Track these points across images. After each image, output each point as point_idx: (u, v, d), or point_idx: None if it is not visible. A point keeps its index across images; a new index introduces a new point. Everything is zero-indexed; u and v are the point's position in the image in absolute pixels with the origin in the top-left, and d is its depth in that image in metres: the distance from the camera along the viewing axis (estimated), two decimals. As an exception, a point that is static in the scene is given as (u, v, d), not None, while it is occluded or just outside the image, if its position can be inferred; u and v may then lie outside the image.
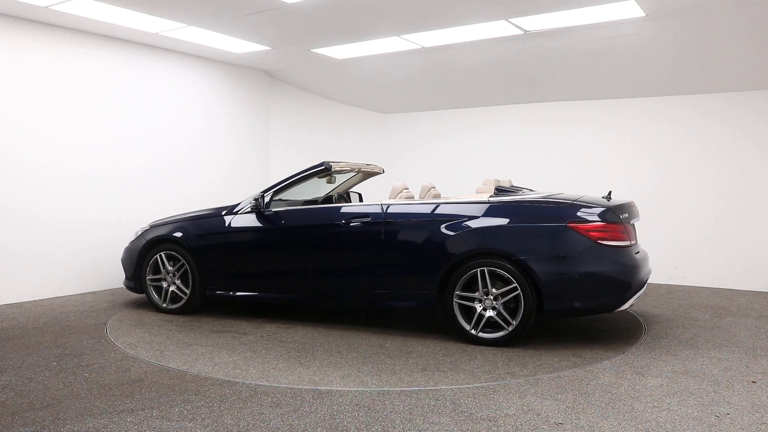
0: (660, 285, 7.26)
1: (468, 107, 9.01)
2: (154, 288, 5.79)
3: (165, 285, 5.72)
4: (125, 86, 6.93)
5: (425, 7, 5.51)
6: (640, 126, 7.64)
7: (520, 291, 4.41)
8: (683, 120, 7.38)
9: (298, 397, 3.48)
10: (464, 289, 4.60)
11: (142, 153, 7.12)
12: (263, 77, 8.53)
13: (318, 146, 9.12)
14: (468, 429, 3.05)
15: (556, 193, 5.11)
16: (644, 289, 4.86)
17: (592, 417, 3.19)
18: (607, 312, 4.55)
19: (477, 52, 6.90)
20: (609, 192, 5.14)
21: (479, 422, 3.13)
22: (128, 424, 3.09)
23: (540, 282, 4.38)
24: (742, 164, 7.02)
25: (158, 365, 4.07)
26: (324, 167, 5.31)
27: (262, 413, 3.25)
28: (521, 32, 6.13)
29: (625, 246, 4.51)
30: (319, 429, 3.05)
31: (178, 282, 5.66)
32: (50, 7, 5.67)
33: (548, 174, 8.07)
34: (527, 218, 4.55)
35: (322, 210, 5.35)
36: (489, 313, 4.52)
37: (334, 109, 9.45)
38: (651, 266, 5.11)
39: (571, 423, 3.12)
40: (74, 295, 6.46)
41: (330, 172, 5.37)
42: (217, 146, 7.97)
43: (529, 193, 5.06)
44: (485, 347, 4.49)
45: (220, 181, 7.97)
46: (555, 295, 4.40)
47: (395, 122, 9.86)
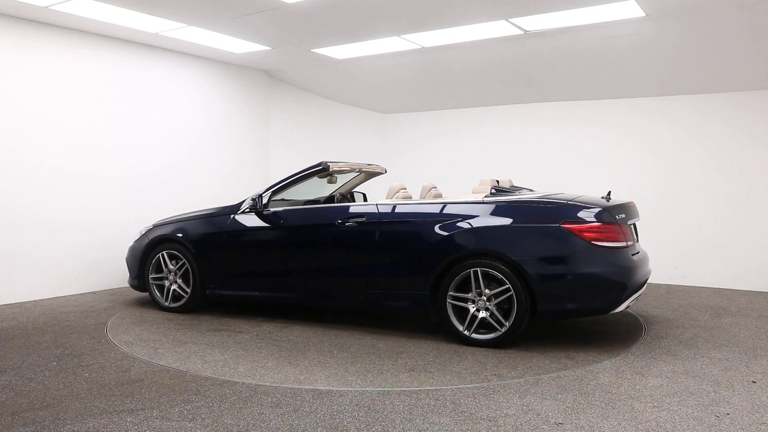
0: (660, 285, 7.26)
1: (468, 107, 9.01)
2: (157, 287, 5.86)
3: (167, 284, 5.79)
4: (125, 86, 6.93)
5: (425, 7, 5.51)
6: (640, 126, 7.64)
7: (513, 292, 4.38)
8: (683, 120, 7.38)
9: (298, 397, 3.48)
10: (458, 290, 4.58)
11: (142, 153, 7.12)
12: (263, 77, 8.53)
13: (318, 146, 9.12)
14: (468, 429, 3.05)
15: (554, 193, 5.08)
16: (644, 289, 4.84)
17: (592, 417, 3.19)
18: (602, 314, 4.51)
19: (477, 52, 6.90)
20: (608, 192, 5.13)
21: (479, 422, 3.13)
22: (128, 424, 3.09)
23: (533, 283, 4.34)
24: (742, 164, 7.02)
25: (158, 365, 4.08)
26: (322, 167, 5.32)
27: (262, 413, 3.25)
28: (521, 32, 6.13)
29: (621, 247, 4.44)
30: (319, 429, 3.05)
31: (180, 281, 5.72)
32: (50, 7, 5.67)
33: (548, 174, 8.07)
34: (521, 219, 4.51)
35: (319, 210, 5.36)
36: (482, 314, 4.49)
37: (334, 109, 9.45)
38: (651, 266, 5.10)
39: (571, 423, 3.12)
40: (74, 295, 6.46)
41: (328, 172, 5.38)
42: (217, 146, 7.97)
43: (527, 193, 5.02)
44: (477, 348, 4.47)
45: (220, 181, 7.97)
46: (548, 297, 4.36)
47: (395, 122, 9.86)
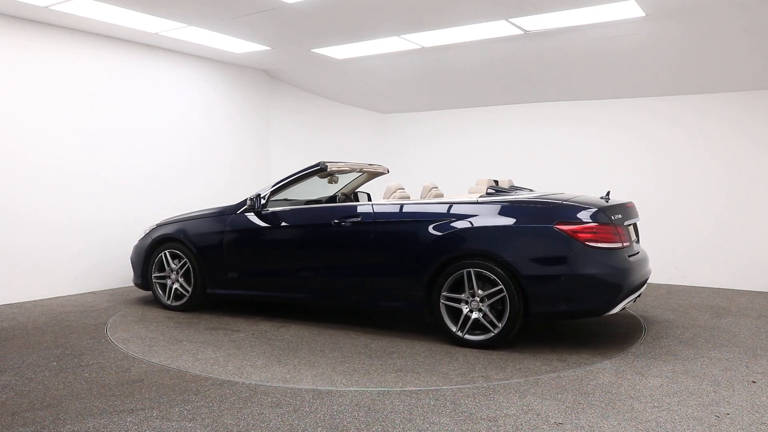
0: (660, 285, 7.26)
1: (468, 107, 9.01)
2: (160, 285, 5.93)
3: (169, 283, 5.85)
4: (125, 86, 6.93)
5: (425, 7, 5.51)
6: (640, 126, 7.64)
7: (506, 293, 4.34)
8: (683, 120, 7.38)
9: (298, 397, 3.48)
10: (451, 291, 4.56)
11: (143, 153, 7.12)
12: (263, 77, 8.53)
13: (318, 146, 9.12)
14: (468, 429, 3.05)
15: (552, 194, 5.05)
16: (643, 289, 4.83)
17: (592, 417, 3.19)
18: (597, 316, 4.45)
19: (477, 52, 6.90)
20: (607, 192, 5.11)
21: (479, 422, 3.13)
22: (128, 424, 3.09)
23: (525, 284, 4.30)
24: (742, 164, 7.01)
25: (158, 365, 4.08)
26: (320, 167, 5.33)
27: (262, 413, 3.25)
28: (521, 32, 6.13)
29: (616, 248, 4.38)
30: (319, 429, 3.05)
31: (181, 280, 5.78)
32: (50, 7, 5.67)
33: (549, 174, 8.07)
34: (514, 219, 4.47)
35: (316, 210, 5.37)
36: (475, 315, 4.47)
37: (334, 109, 9.45)
38: (651, 266, 5.09)
39: (571, 423, 3.12)
40: (74, 295, 6.46)
41: (326, 172, 5.38)
42: (217, 146, 7.97)
43: (525, 194, 4.98)
44: (469, 350, 4.44)
45: (220, 181, 7.97)
46: (541, 298, 4.31)
47: (395, 122, 9.86)
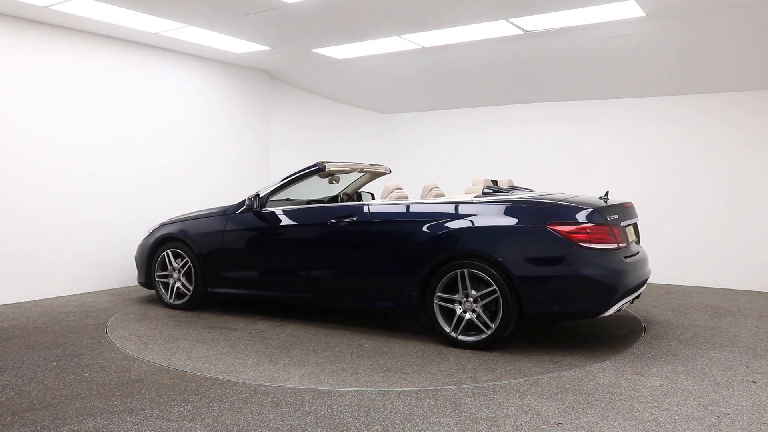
0: (660, 285, 7.26)
1: (468, 107, 9.01)
2: (162, 284, 6.00)
3: (171, 282, 5.91)
4: (125, 86, 6.93)
5: (425, 7, 5.51)
6: (640, 126, 7.64)
7: (499, 294, 4.31)
8: (683, 120, 7.38)
9: (298, 397, 3.48)
10: (445, 291, 4.54)
11: (143, 153, 7.12)
12: (263, 77, 8.53)
13: (318, 146, 9.12)
14: (468, 429, 3.05)
15: (549, 194, 5.01)
16: (643, 289, 4.82)
17: (592, 417, 3.19)
18: (591, 317, 4.40)
19: (477, 52, 6.90)
20: (606, 192, 5.09)
21: (479, 422, 3.13)
22: (128, 424, 3.09)
23: (518, 285, 4.26)
24: (742, 164, 7.01)
25: (158, 365, 4.08)
26: (318, 167, 5.35)
27: (262, 413, 3.25)
28: (521, 32, 6.13)
29: (611, 249, 4.33)
30: (319, 429, 3.05)
31: (183, 279, 5.84)
32: (50, 7, 5.67)
33: (549, 174, 8.07)
34: (508, 219, 4.44)
35: (313, 210, 5.38)
36: (468, 316, 4.45)
37: (334, 109, 9.45)
38: (651, 267, 5.07)
39: (571, 423, 3.12)
40: (74, 295, 6.47)
41: (325, 172, 5.39)
42: (217, 146, 7.97)
43: (522, 193, 4.95)
44: (462, 351, 4.43)
45: (220, 181, 7.97)
46: (534, 299, 4.27)
47: (395, 122, 9.86)
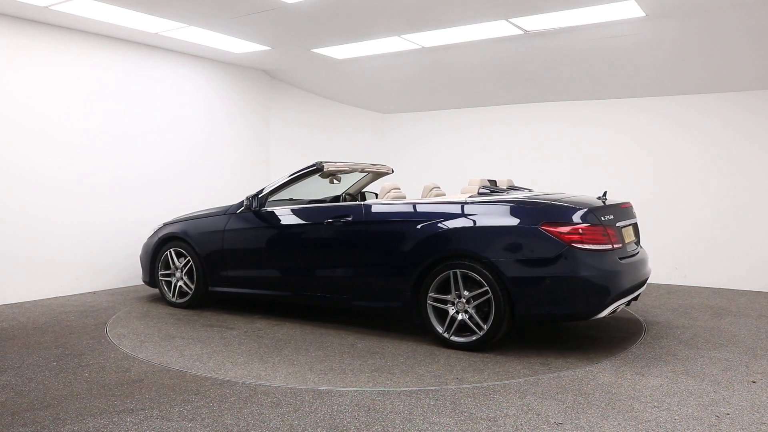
0: (660, 285, 7.26)
1: (468, 107, 9.01)
2: (165, 283, 6.06)
3: (174, 280, 5.97)
4: (125, 86, 6.93)
5: (425, 7, 5.51)
6: (640, 126, 7.64)
7: (491, 294, 4.28)
8: (683, 120, 7.38)
9: (298, 397, 3.48)
10: (439, 291, 4.53)
11: (143, 153, 7.12)
12: (263, 77, 8.53)
13: (318, 146, 9.12)
14: (468, 429, 3.05)
15: (545, 193, 4.98)
16: (643, 290, 4.81)
17: (592, 417, 3.19)
18: (583, 319, 4.35)
19: (477, 52, 6.90)
20: (604, 192, 5.02)
21: (479, 422, 3.13)
22: (128, 424, 3.09)
23: (510, 286, 4.23)
24: (742, 164, 7.01)
25: (158, 365, 4.08)
26: (316, 167, 5.36)
27: (262, 413, 3.25)
28: (521, 32, 6.13)
29: (605, 250, 4.27)
30: (319, 429, 3.05)
31: (185, 278, 5.90)
32: (50, 7, 5.67)
33: (549, 174, 8.07)
34: (501, 219, 4.41)
35: (310, 210, 5.40)
36: (461, 317, 4.43)
37: (334, 109, 9.45)
38: (650, 267, 5.05)
39: (571, 423, 3.12)
40: (74, 295, 6.47)
41: (324, 172, 5.40)
42: (217, 146, 7.97)
43: (518, 193, 4.92)
44: (453, 351, 4.42)
45: (221, 182, 7.97)
46: (526, 300, 4.23)
47: (395, 122, 9.86)
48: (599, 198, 4.88)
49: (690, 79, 6.99)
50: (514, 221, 4.37)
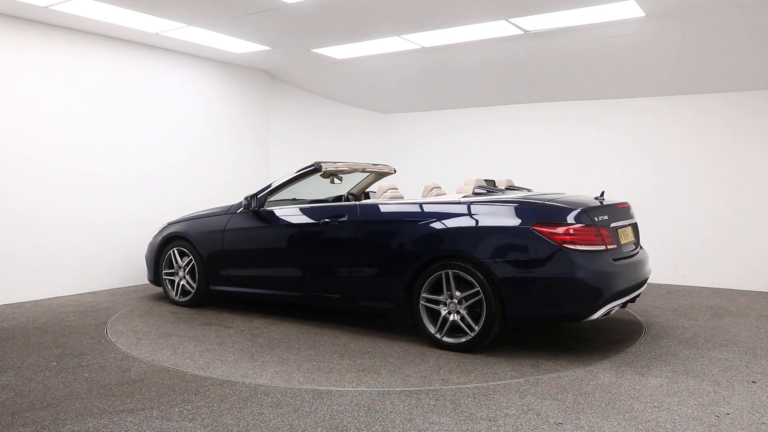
0: (660, 285, 7.26)
1: (468, 107, 9.01)
2: (169, 281, 6.11)
3: (177, 279, 6.03)
4: (125, 86, 6.93)
5: (425, 7, 5.51)
6: (640, 126, 7.64)
7: (483, 295, 4.26)
8: (683, 120, 7.38)
9: (298, 397, 3.48)
10: (431, 292, 4.51)
11: (143, 153, 7.12)
12: (263, 77, 8.53)
13: (318, 146, 9.12)
14: (468, 429, 3.05)
15: (542, 194, 4.95)
16: (643, 290, 4.79)
17: (592, 417, 3.20)
18: (576, 321, 4.30)
19: (477, 52, 6.90)
20: (602, 192, 4.97)
21: (479, 422, 3.13)
22: (128, 424, 3.09)
23: (501, 287, 4.20)
24: (742, 164, 7.01)
25: (158, 365, 4.08)
26: (314, 167, 5.37)
27: (262, 413, 3.25)
28: (521, 32, 6.13)
29: (598, 251, 4.21)
30: (319, 429, 3.05)
31: (188, 277, 5.95)
32: (50, 7, 5.67)
33: (549, 174, 8.07)
34: (494, 220, 4.37)
35: (308, 210, 5.41)
36: (453, 317, 4.41)
37: (334, 109, 9.45)
38: (650, 267, 5.03)
39: (571, 423, 3.12)
40: (74, 295, 6.46)
41: (323, 172, 5.41)
42: (218, 146, 7.97)
43: (515, 193, 4.90)
44: (444, 352, 4.40)
45: (221, 181, 7.97)
46: (517, 301, 4.19)
47: (395, 122, 9.86)
48: (597, 198, 4.84)
49: (690, 79, 6.99)
50: (506, 221, 4.33)
